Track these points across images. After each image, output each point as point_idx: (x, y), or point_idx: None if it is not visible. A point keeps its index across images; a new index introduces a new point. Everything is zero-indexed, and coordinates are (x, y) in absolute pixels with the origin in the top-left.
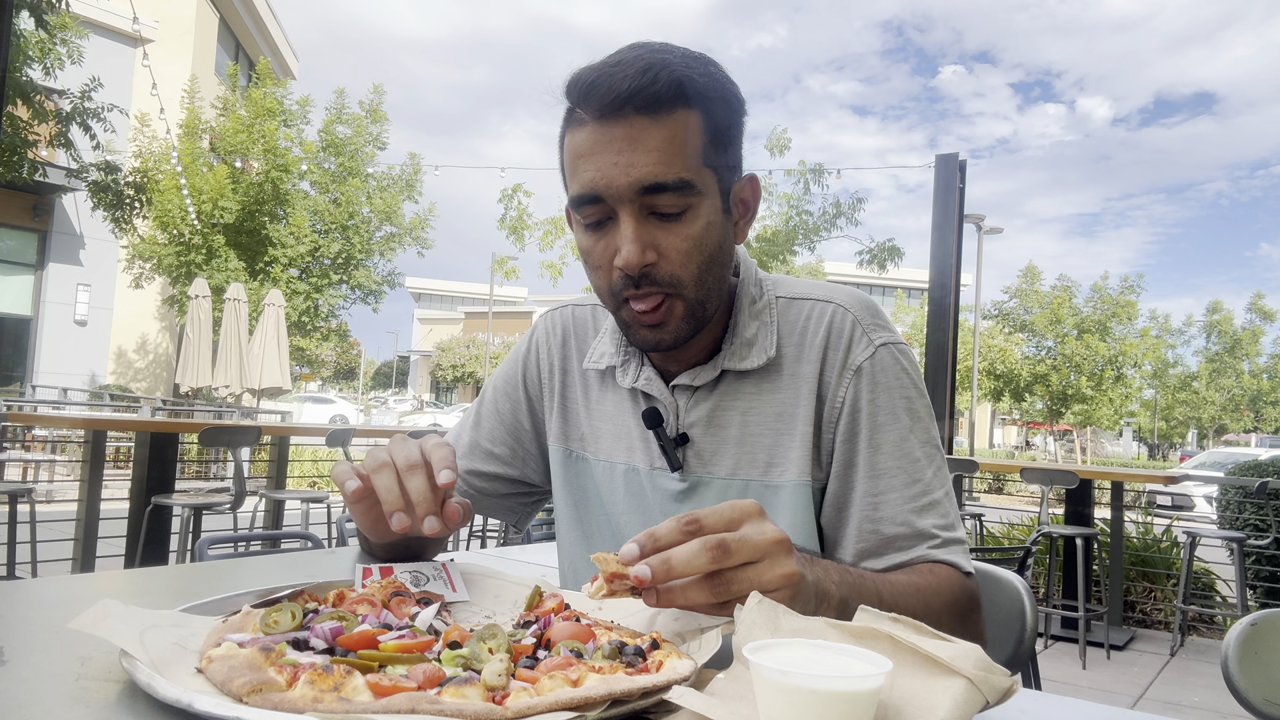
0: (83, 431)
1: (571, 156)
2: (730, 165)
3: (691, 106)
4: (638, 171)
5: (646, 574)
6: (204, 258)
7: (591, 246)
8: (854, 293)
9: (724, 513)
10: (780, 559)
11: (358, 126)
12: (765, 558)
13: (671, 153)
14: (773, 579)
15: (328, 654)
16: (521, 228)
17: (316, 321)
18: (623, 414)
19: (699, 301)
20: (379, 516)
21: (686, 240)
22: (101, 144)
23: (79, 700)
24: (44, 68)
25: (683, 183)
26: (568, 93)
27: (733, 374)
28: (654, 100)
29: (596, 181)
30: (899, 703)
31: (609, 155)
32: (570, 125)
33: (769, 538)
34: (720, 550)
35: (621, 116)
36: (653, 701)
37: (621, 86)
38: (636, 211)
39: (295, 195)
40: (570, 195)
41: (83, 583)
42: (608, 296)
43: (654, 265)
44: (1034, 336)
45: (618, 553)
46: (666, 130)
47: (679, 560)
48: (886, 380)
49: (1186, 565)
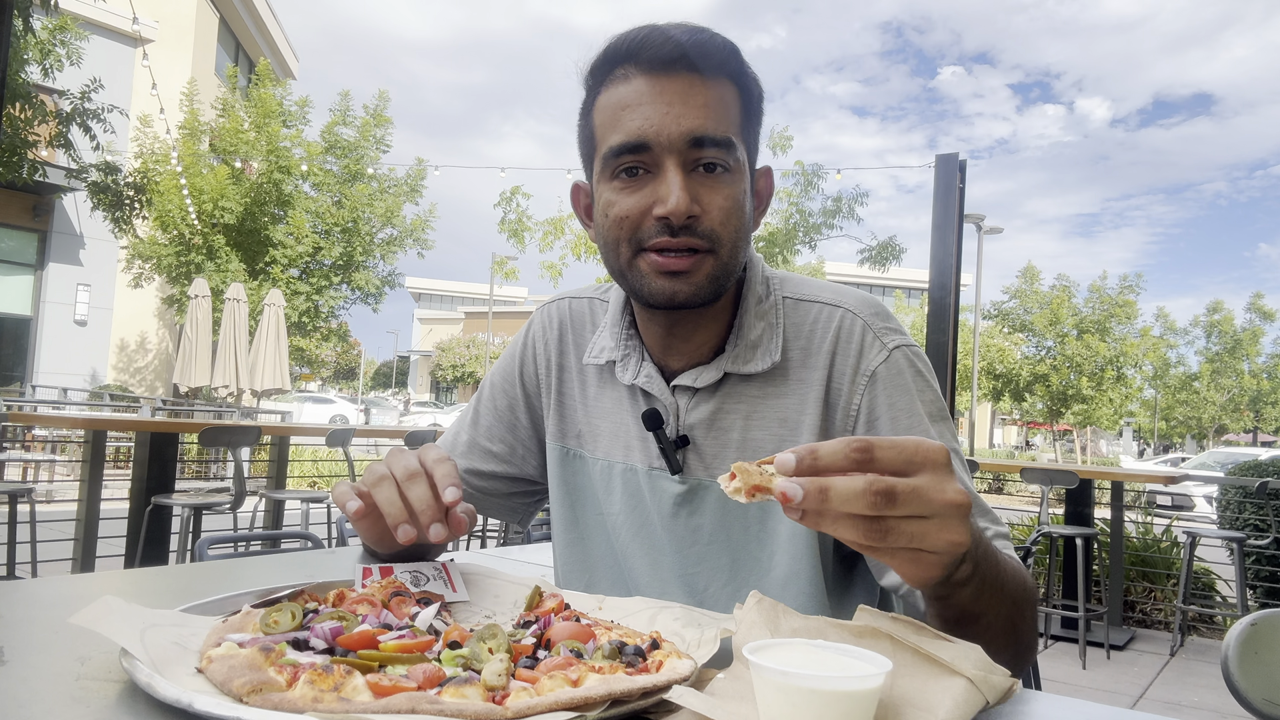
0: (83, 431)
1: (613, 110)
2: (755, 149)
3: (734, 78)
4: (688, 122)
5: (797, 495)
6: (204, 258)
7: (622, 199)
8: (862, 295)
9: (905, 450)
10: (953, 524)
11: (362, 130)
12: (936, 516)
13: (720, 112)
14: (937, 543)
15: (328, 654)
16: (522, 229)
17: (316, 322)
18: (621, 412)
19: (727, 267)
20: (384, 531)
21: (728, 199)
22: (101, 144)
23: (79, 700)
24: (44, 69)
25: (729, 141)
26: (609, 54)
27: (736, 377)
28: (706, 58)
29: (645, 130)
30: (899, 703)
31: (660, 105)
32: (608, 84)
33: (948, 497)
34: (885, 498)
35: (674, 71)
36: (653, 701)
37: (680, 39)
38: (683, 163)
39: (296, 196)
40: (609, 146)
41: (83, 583)
42: (626, 246)
43: (696, 219)
44: (1034, 336)
45: (769, 460)
46: (714, 92)
47: (837, 495)
48: (904, 383)
49: (1186, 565)
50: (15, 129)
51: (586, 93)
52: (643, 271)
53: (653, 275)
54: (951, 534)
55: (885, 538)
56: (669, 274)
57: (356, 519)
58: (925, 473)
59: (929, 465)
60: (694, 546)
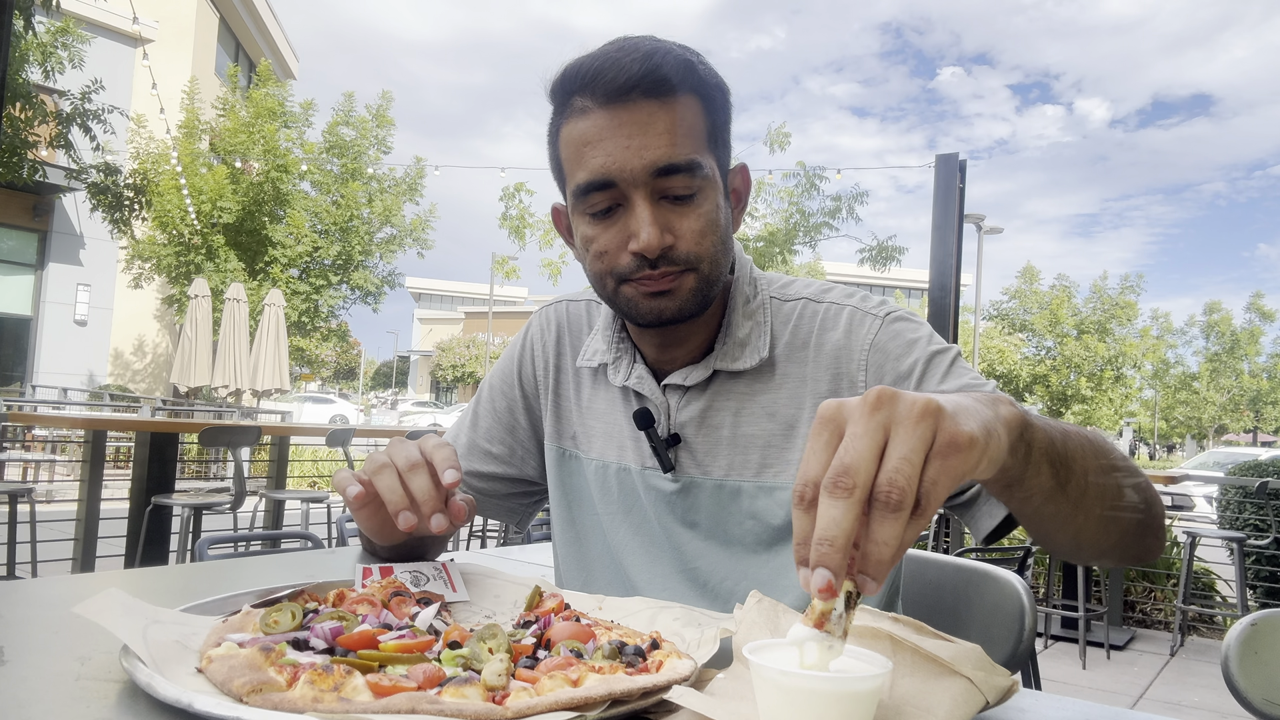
0: (83, 431)
1: (575, 145)
2: (726, 152)
3: (693, 92)
4: (650, 154)
5: (825, 578)
6: (203, 258)
7: (597, 234)
8: (845, 289)
9: (814, 446)
10: (899, 410)
11: (363, 129)
12: (889, 425)
13: (681, 135)
14: (918, 434)
15: (328, 654)
16: (523, 226)
17: (316, 322)
18: (614, 413)
19: (709, 279)
20: (384, 520)
21: (700, 220)
22: (101, 145)
23: (79, 700)
24: (45, 69)
25: (694, 164)
26: (565, 83)
27: (725, 374)
28: (661, 83)
29: (609, 167)
30: (899, 703)
31: (619, 140)
32: (568, 116)
33: (865, 409)
34: (845, 477)
35: (629, 101)
36: (653, 701)
37: (631, 70)
38: (650, 195)
39: (295, 196)
40: (576, 184)
41: (83, 583)
42: (609, 279)
43: (671, 247)
44: (1033, 337)
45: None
46: (673, 114)
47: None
48: (911, 335)
49: (1186, 565)
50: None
51: (552, 113)
52: (629, 297)
53: (639, 299)
54: (958, 462)
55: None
56: (654, 295)
57: (357, 506)
58: (895, 430)
59: (833, 421)
60: (690, 543)
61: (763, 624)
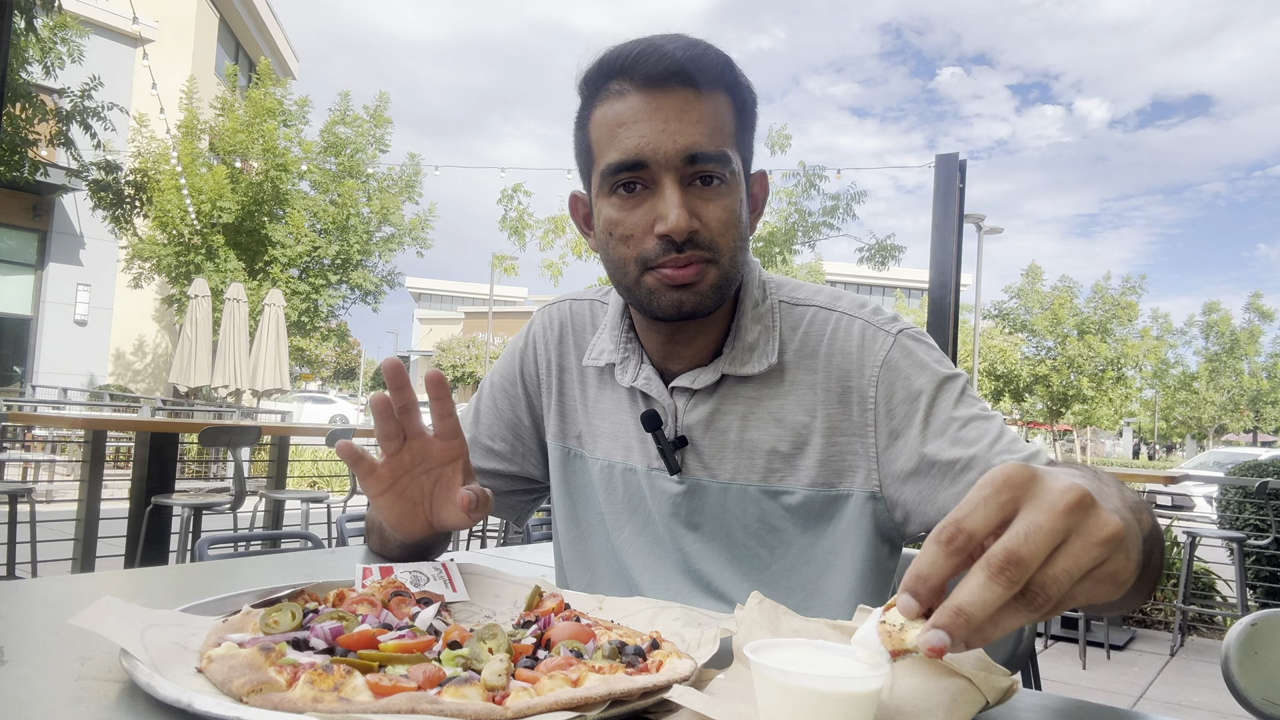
0: (83, 431)
1: (609, 126)
2: (750, 156)
3: (728, 90)
4: (684, 139)
5: (947, 642)
6: (203, 258)
7: (623, 217)
8: (855, 298)
9: (989, 503)
10: (1088, 524)
11: (360, 128)
12: (1070, 533)
13: (715, 127)
14: (1092, 557)
15: (328, 654)
16: (523, 227)
17: (316, 322)
18: (621, 413)
19: (728, 275)
20: (404, 511)
21: (725, 210)
22: (101, 144)
23: (79, 700)
24: (44, 67)
25: (724, 155)
26: (603, 68)
27: (733, 378)
28: (701, 74)
29: (642, 148)
30: (899, 703)
31: (655, 123)
32: (603, 98)
33: (1058, 507)
34: (1015, 569)
35: (668, 87)
36: (653, 701)
37: (675, 56)
38: (679, 180)
39: (294, 195)
40: (607, 164)
41: (83, 583)
42: (633, 265)
43: (696, 232)
44: (1034, 337)
45: (886, 609)
46: (709, 105)
47: (971, 606)
48: (916, 359)
49: (1186, 565)
50: (15, 128)
51: (582, 102)
52: (650, 287)
53: (661, 290)
54: (1096, 534)
55: (1044, 598)
56: (676, 287)
57: (364, 473)
58: (1025, 504)
59: (1019, 491)
60: (694, 544)
61: (763, 624)
